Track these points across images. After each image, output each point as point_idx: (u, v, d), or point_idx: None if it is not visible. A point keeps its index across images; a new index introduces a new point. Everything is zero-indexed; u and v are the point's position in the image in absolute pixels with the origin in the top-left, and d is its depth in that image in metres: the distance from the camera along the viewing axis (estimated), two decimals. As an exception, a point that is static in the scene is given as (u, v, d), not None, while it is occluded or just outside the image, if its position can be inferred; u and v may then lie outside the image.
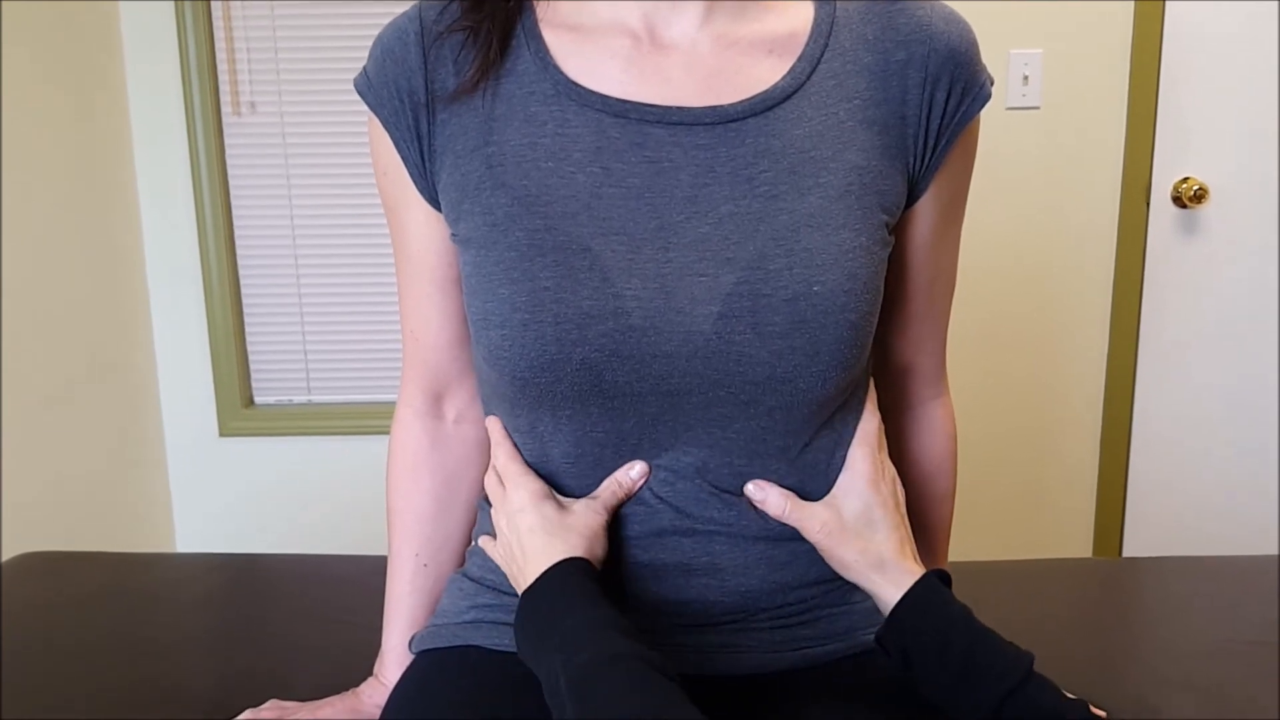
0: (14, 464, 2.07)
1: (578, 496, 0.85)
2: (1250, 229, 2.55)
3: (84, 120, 2.34)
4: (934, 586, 0.81)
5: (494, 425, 0.89)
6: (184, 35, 2.45)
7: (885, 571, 0.83)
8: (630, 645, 0.70)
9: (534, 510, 0.83)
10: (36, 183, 2.16)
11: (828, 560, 0.85)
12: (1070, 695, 0.77)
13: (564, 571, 0.78)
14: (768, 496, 0.83)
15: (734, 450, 0.82)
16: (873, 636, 0.85)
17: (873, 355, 0.89)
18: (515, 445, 0.88)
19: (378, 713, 0.93)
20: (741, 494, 0.84)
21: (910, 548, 0.86)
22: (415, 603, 0.97)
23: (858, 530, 0.84)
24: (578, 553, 0.80)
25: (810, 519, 0.84)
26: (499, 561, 0.88)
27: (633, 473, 0.83)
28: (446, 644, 0.90)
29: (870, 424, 0.88)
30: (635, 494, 0.84)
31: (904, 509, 0.89)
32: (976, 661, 0.76)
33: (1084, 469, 2.68)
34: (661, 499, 0.83)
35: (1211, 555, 1.55)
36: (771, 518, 0.84)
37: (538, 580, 0.79)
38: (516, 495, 0.85)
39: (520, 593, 0.80)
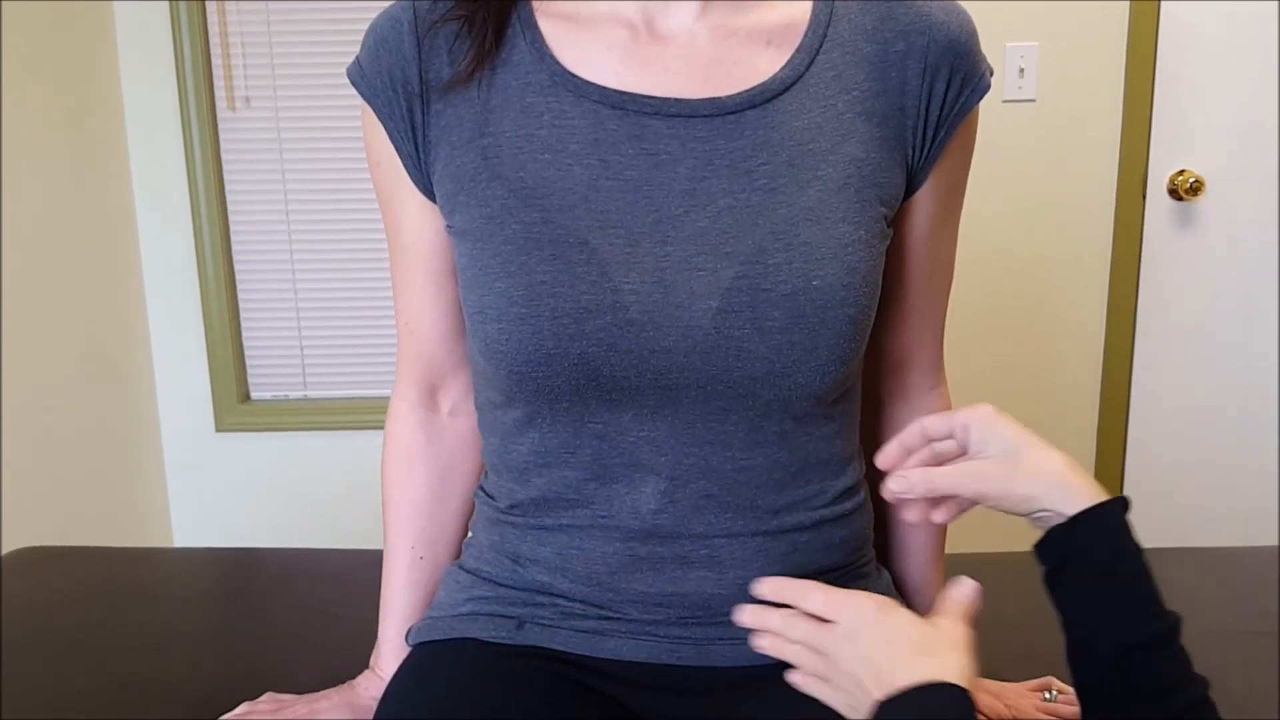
0: (11, 459, 2.06)
1: (575, 491, 0.84)
2: (1246, 221, 2.55)
3: (79, 116, 2.34)
4: (1118, 512, 0.75)
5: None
6: (178, 30, 2.44)
7: (1067, 489, 0.76)
8: None
9: (889, 624, 0.73)
10: (32, 179, 2.16)
11: (999, 506, 0.78)
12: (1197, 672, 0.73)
13: (942, 702, 0.67)
14: (912, 485, 0.78)
15: (733, 444, 0.82)
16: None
17: (867, 348, 0.89)
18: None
19: (374, 705, 0.93)
20: (743, 505, 0.83)
21: (1079, 466, 0.80)
22: (411, 595, 0.97)
23: (1014, 462, 0.77)
24: (960, 682, 0.68)
25: (962, 476, 0.77)
26: (813, 673, 0.76)
27: (965, 588, 0.77)
28: (443, 636, 0.89)
29: (933, 417, 0.83)
30: (623, 503, 0.82)
31: None
32: (1130, 598, 0.72)
33: (1081, 460, 2.66)
34: (662, 509, 0.83)
35: (1210, 546, 1.55)
36: (767, 512, 0.83)
37: (902, 698, 0.68)
38: (858, 607, 0.75)
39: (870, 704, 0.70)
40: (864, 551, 0.92)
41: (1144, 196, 2.53)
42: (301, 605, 1.33)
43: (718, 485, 0.83)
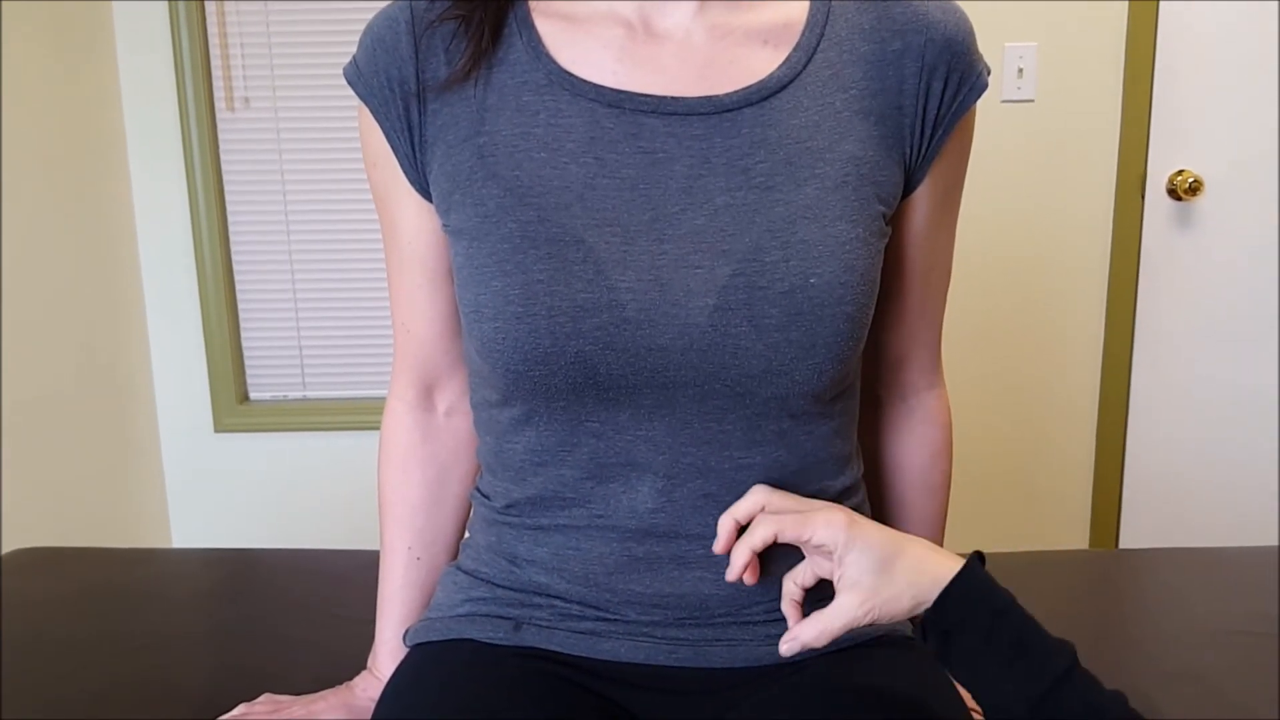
0: (10, 460, 2.06)
1: (571, 490, 0.84)
2: (1245, 221, 2.55)
3: (78, 117, 2.34)
4: (979, 572, 0.76)
5: None
6: (177, 31, 2.45)
7: (939, 579, 0.76)
8: None
9: None
10: (31, 179, 2.16)
11: (891, 623, 0.78)
12: (1108, 688, 0.74)
13: None
14: (805, 642, 0.77)
15: (730, 443, 0.82)
16: (864, 631, 0.84)
17: (864, 347, 0.89)
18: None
19: (372, 706, 0.93)
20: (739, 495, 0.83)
21: (935, 546, 0.80)
22: (408, 596, 0.97)
23: (888, 577, 0.76)
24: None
25: (846, 615, 0.76)
26: None
27: None
28: (440, 637, 0.89)
29: (757, 498, 0.81)
30: (619, 502, 0.82)
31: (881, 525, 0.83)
32: (1021, 651, 0.73)
33: (1080, 461, 2.68)
34: (658, 508, 0.83)
35: (1208, 546, 1.55)
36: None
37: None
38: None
39: None
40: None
41: (1143, 196, 2.53)
42: (299, 606, 1.33)
43: (715, 484, 0.83)
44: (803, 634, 0.77)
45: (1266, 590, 1.32)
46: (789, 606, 0.81)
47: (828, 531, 0.77)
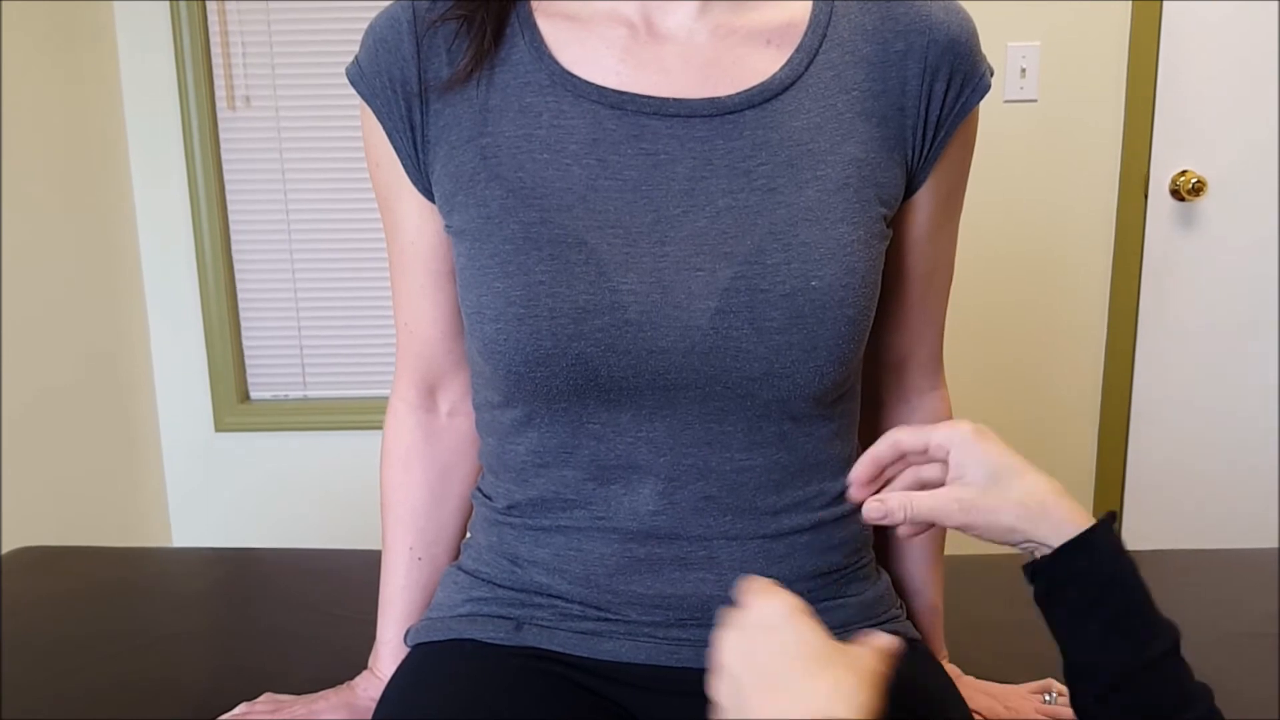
0: (11, 459, 2.06)
1: (573, 492, 0.84)
2: (1248, 222, 2.55)
3: (79, 116, 2.34)
4: (1109, 533, 0.73)
5: None
6: (179, 30, 2.44)
7: (1050, 515, 0.73)
8: None
9: (793, 627, 0.64)
10: (32, 178, 2.16)
11: (986, 537, 0.74)
12: (1198, 679, 0.72)
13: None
14: (891, 510, 0.74)
15: (731, 444, 0.82)
16: (866, 630, 0.83)
17: (866, 348, 0.89)
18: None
19: (373, 706, 0.93)
20: (742, 506, 0.83)
21: (1055, 481, 0.76)
22: (410, 596, 0.97)
23: (997, 489, 0.73)
24: (852, 710, 0.59)
25: (945, 502, 0.74)
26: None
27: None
28: (442, 637, 0.89)
29: (909, 427, 0.79)
30: (620, 504, 0.81)
31: None
32: (1124, 621, 0.71)
33: (1082, 462, 2.68)
34: (661, 510, 0.83)
35: (1209, 548, 1.54)
36: (766, 514, 0.83)
37: None
38: (768, 607, 0.65)
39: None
40: (863, 553, 0.92)
41: (1146, 197, 2.53)
42: (300, 605, 1.33)
43: (716, 486, 0.82)
44: (891, 501, 0.74)
45: (1269, 591, 1.32)
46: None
47: (949, 432, 0.74)
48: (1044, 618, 0.75)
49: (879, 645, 0.66)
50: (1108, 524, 0.73)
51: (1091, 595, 0.72)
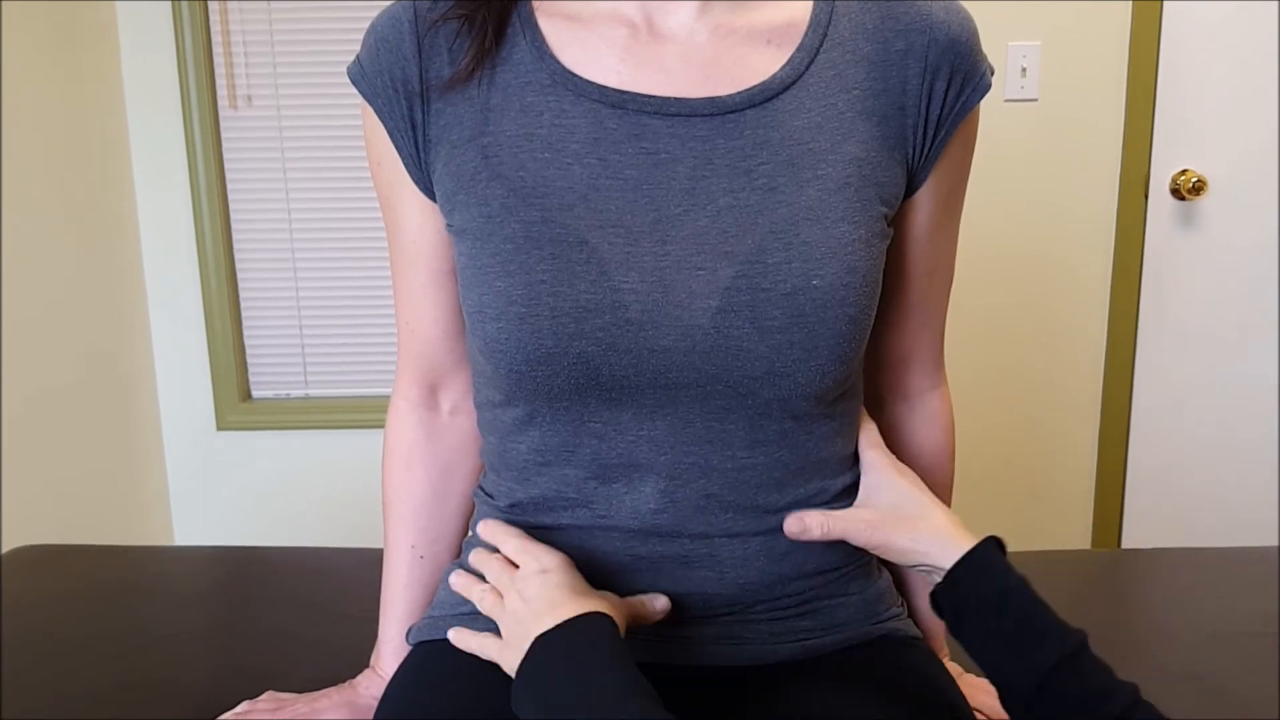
0: (13, 458, 2.06)
1: (574, 491, 0.84)
2: (1249, 222, 2.55)
3: (80, 115, 2.34)
4: (993, 551, 0.79)
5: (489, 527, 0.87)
6: (180, 29, 2.45)
7: (943, 542, 0.81)
8: (664, 717, 0.66)
9: (569, 570, 0.79)
10: (33, 178, 2.16)
11: (883, 554, 0.85)
12: (1121, 679, 0.74)
13: (589, 626, 0.73)
14: (808, 526, 0.83)
15: (733, 443, 0.82)
16: (870, 628, 0.84)
17: (867, 347, 0.89)
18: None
19: (374, 704, 0.93)
20: (743, 504, 0.83)
21: (959, 521, 0.84)
22: (412, 595, 0.97)
23: (902, 516, 0.84)
24: (603, 610, 0.75)
25: (854, 522, 0.84)
26: (487, 612, 0.82)
27: (656, 604, 0.82)
28: (443, 636, 0.89)
29: (870, 428, 0.90)
30: (621, 504, 0.83)
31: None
32: (1030, 630, 0.75)
33: (1083, 460, 2.68)
34: (662, 509, 0.83)
35: (1210, 546, 1.55)
36: (769, 513, 0.84)
37: (556, 630, 0.73)
38: (548, 556, 0.80)
39: (530, 640, 0.73)
40: (864, 551, 0.92)
41: (1146, 196, 2.53)
42: (302, 604, 1.34)
43: (718, 485, 0.83)
44: (808, 517, 0.83)
45: (1268, 590, 1.32)
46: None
47: (876, 459, 0.88)
48: (962, 645, 0.79)
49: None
50: (991, 543, 0.80)
51: (991, 609, 0.77)
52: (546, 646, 0.72)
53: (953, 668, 1.01)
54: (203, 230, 2.55)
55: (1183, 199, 2.52)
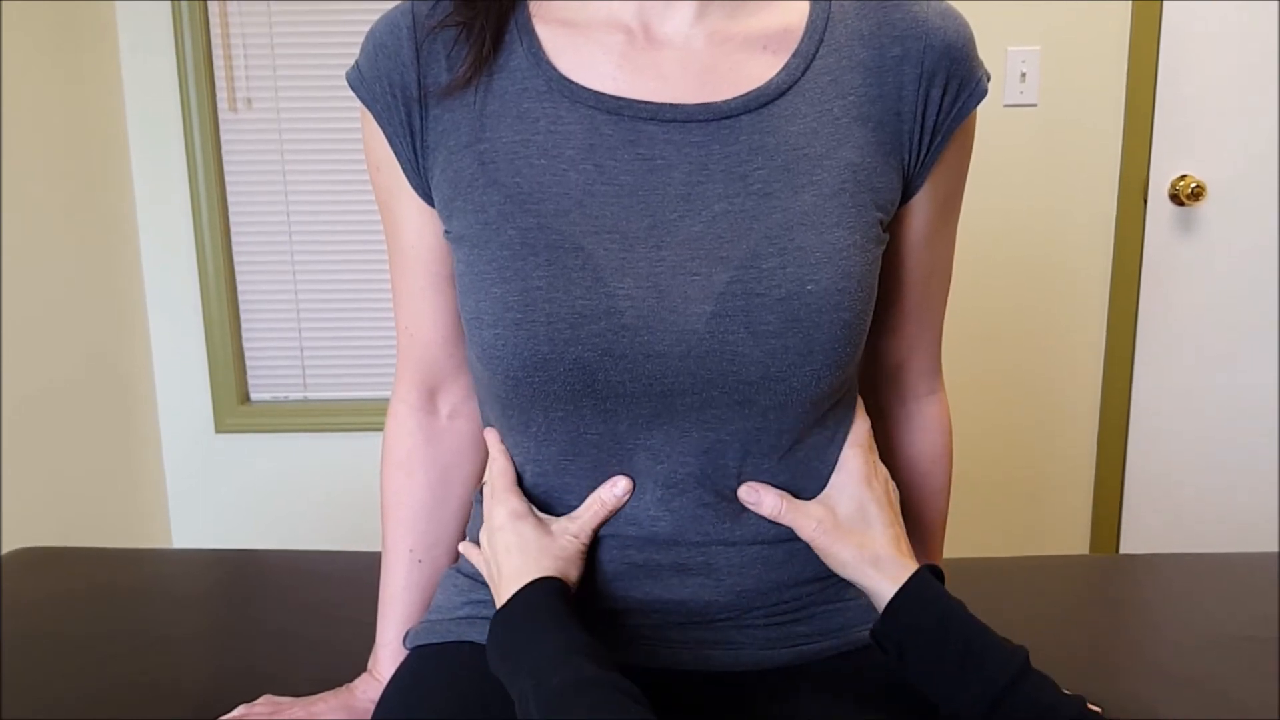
0: (11, 460, 2.06)
1: (571, 496, 0.84)
2: (1247, 227, 2.55)
3: (80, 117, 2.34)
4: (928, 581, 0.81)
5: (492, 438, 0.89)
6: (180, 31, 2.45)
7: (881, 567, 0.82)
8: (599, 672, 0.69)
9: (512, 529, 0.83)
10: (33, 179, 2.16)
11: (824, 558, 0.85)
12: (1066, 691, 0.76)
13: (536, 593, 0.78)
14: (761, 499, 0.83)
15: (728, 450, 0.82)
16: (867, 633, 0.84)
17: (864, 352, 0.89)
18: (510, 461, 0.87)
19: (372, 708, 0.93)
20: (739, 511, 0.84)
21: (905, 545, 0.86)
22: (410, 598, 0.97)
23: (852, 528, 0.84)
24: (551, 574, 0.80)
25: (805, 518, 0.83)
26: (484, 575, 0.87)
27: (616, 490, 0.82)
28: (441, 639, 0.89)
29: (861, 426, 0.89)
30: (619, 510, 0.83)
31: (898, 508, 0.89)
32: (973, 655, 0.76)
33: (1081, 465, 2.68)
34: (659, 516, 0.83)
35: (1209, 552, 1.55)
36: (767, 520, 0.84)
37: (510, 600, 0.78)
38: (497, 512, 0.85)
39: (495, 611, 0.80)
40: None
41: (1145, 201, 2.53)
42: (300, 607, 1.34)
43: (714, 492, 0.83)
44: (765, 492, 0.83)
45: (1268, 595, 1.32)
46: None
47: (850, 461, 0.87)
48: (908, 676, 0.80)
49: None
50: (925, 572, 0.81)
51: (932, 639, 0.78)
52: (501, 619, 0.78)
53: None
54: (202, 233, 2.55)
55: (1182, 204, 2.52)
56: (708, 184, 0.78)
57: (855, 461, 0.86)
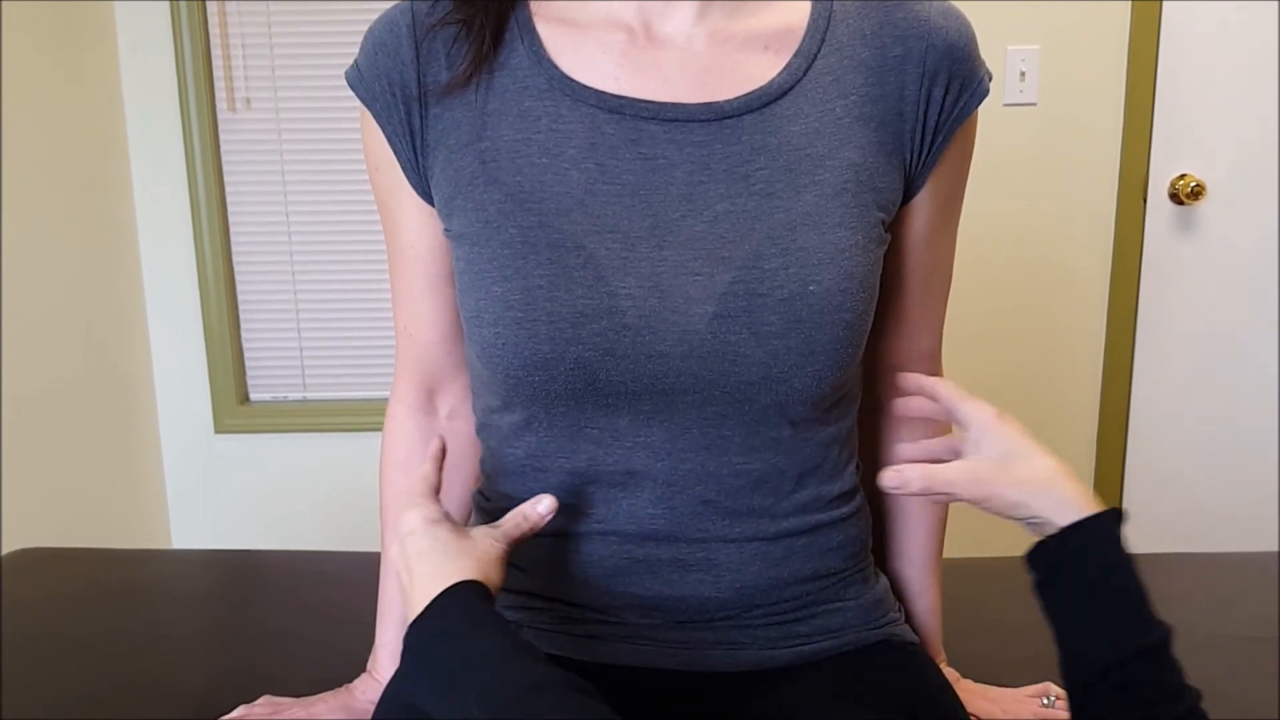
0: (11, 461, 2.06)
1: (572, 496, 0.84)
2: (1247, 226, 2.55)
3: (79, 117, 2.34)
4: (1113, 526, 0.75)
5: (434, 445, 0.86)
6: (179, 31, 2.45)
7: (1055, 493, 0.76)
8: (550, 671, 0.66)
9: (425, 533, 0.77)
10: (32, 180, 2.16)
11: (994, 511, 0.78)
12: (1189, 682, 0.72)
13: (460, 597, 0.72)
14: (907, 480, 0.76)
15: (729, 449, 0.82)
16: (867, 633, 0.83)
17: (865, 351, 0.89)
18: (437, 470, 0.84)
19: (371, 708, 0.93)
20: (740, 509, 0.83)
21: (1071, 470, 0.79)
22: (409, 599, 0.97)
23: (1007, 466, 0.77)
24: (472, 576, 0.74)
25: (956, 478, 0.77)
26: (399, 586, 0.82)
27: (539, 507, 0.79)
28: (440, 640, 0.89)
29: (948, 381, 0.84)
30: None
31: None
32: (1119, 614, 0.72)
33: (1080, 465, 2.68)
34: (659, 514, 0.83)
35: (1208, 552, 1.54)
36: (766, 518, 0.83)
37: (428, 607, 0.72)
38: (409, 517, 0.79)
39: (408, 622, 0.74)
40: (862, 556, 0.92)
41: (1145, 200, 2.53)
42: (299, 607, 1.33)
43: (714, 490, 0.83)
44: (908, 472, 0.77)
45: (1268, 595, 1.32)
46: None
47: (974, 409, 0.80)
48: (1041, 604, 0.76)
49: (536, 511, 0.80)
50: (1114, 515, 0.75)
51: (1091, 579, 0.73)
52: (419, 630, 0.73)
53: (950, 673, 1.01)
54: (201, 233, 2.54)
55: (1181, 203, 2.52)
56: (710, 184, 0.78)
57: (979, 410, 0.80)
